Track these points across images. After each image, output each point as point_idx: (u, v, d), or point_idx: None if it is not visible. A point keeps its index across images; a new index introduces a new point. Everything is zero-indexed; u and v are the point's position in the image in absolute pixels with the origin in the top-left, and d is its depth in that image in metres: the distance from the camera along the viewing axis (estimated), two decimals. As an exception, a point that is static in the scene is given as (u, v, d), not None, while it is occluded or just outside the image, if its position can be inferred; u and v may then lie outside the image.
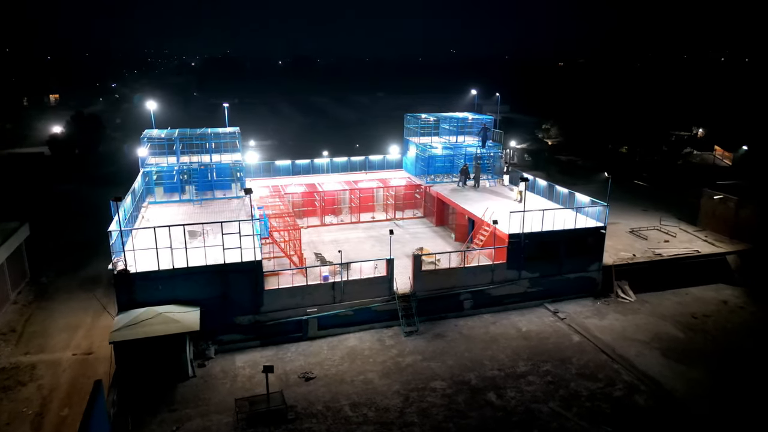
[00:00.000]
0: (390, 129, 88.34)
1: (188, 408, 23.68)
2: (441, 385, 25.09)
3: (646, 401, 24.03)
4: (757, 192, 38.56)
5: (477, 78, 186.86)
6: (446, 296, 30.76)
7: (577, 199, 34.66)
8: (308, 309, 28.61)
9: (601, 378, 25.65)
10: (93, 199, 72.61)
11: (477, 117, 44.14)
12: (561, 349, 28.11)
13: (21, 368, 38.50)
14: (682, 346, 28.30)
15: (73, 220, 61.65)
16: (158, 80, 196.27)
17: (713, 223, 39.29)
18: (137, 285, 25.91)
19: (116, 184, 73.11)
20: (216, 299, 26.99)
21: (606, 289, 33.44)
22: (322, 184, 41.97)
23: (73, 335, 43.43)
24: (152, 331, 24.35)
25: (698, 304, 32.80)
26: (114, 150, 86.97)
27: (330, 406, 23.78)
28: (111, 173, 74.88)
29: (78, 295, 49.83)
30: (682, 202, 46.36)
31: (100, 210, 74.46)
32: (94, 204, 76.46)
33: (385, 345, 28.44)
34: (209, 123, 61.59)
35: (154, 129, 40.53)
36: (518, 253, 31.22)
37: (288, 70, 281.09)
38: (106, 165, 79.25)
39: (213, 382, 25.44)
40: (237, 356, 27.40)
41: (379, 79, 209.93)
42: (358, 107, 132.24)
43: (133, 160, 42.56)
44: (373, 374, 25.95)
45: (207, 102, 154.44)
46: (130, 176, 52.66)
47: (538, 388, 24.93)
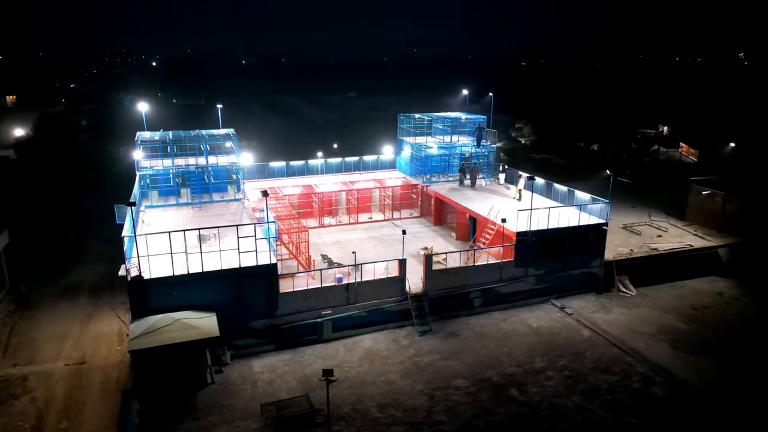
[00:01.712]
0: (373, 128, 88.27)
1: (212, 415, 23.27)
2: (463, 383, 25.29)
3: (663, 392, 24.74)
4: (744, 187, 40.05)
5: (447, 78, 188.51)
6: (456, 295, 30.99)
7: (577, 197, 35.39)
8: (322, 311, 28.43)
9: (617, 371, 26.27)
10: (77, 204, 70.65)
11: (470, 117, 44.55)
12: (573, 343, 28.68)
13: (11, 381, 37.10)
14: (688, 338, 29.22)
15: (54, 226, 59.78)
16: (121, 81, 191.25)
17: (701, 218, 40.66)
18: (151, 291, 25.28)
19: (100, 188, 71.53)
20: (231, 304, 26.58)
21: (607, 284, 34.25)
22: (319, 185, 41.70)
23: (62, 345, 42.05)
24: (171, 338, 23.82)
25: (695, 297, 33.90)
26: (84, 153, 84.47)
27: (356, 408, 23.71)
28: (104, 177, 73.17)
29: (61, 304, 48.26)
30: (668, 198, 47.79)
31: (85, 215, 72.39)
32: (76, 209, 74.32)
33: (401, 345, 28.50)
34: (186, 125, 60.52)
35: (146, 131, 39.55)
36: (525, 251, 31.69)
37: (253, 70, 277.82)
38: (87, 169, 77.07)
39: (233, 388, 25.04)
40: (253, 361, 27.04)
41: (346, 79, 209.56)
42: (331, 107, 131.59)
43: (129, 164, 41.54)
44: (394, 375, 25.97)
45: (174, 103, 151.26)
46: (116, 180, 51.41)
47: (559, 383, 25.38)
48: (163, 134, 39.11)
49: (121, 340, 42.72)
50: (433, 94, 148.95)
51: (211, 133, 40.15)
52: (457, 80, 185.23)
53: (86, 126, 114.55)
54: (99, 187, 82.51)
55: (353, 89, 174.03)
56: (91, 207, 73.50)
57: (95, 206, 73.29)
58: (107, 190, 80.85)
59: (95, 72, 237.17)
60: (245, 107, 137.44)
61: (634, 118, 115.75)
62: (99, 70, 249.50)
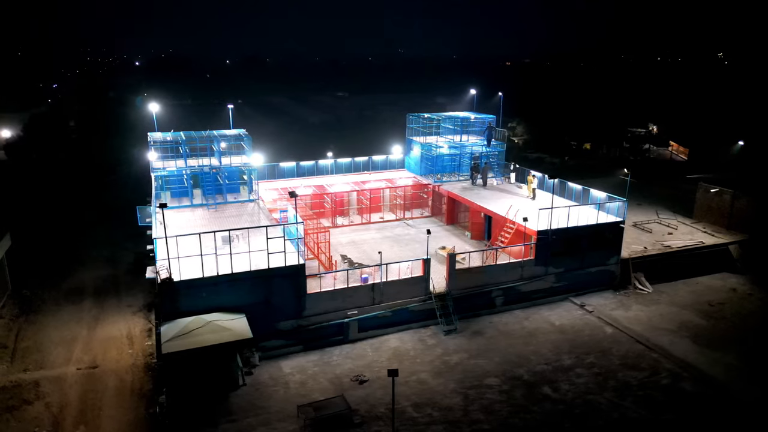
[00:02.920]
0: (370, 128, 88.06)
1: (248, 417, 23.07)
2: (495, 382, 25.38)
3: (693, 388, 25.05)
4: (753, 185, 40.74)
5: (437, 77, 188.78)
6: (478, 294, 31.09)
7: (592, 195, 35.72)
8: (349, 311, 28.34)
9: (645, 367, 26.56)
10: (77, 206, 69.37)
11: (479, 116, 44.72)
12: (597, 340, 28.93)
13: (23, 386, 36.47)
14: (709, 333, 29.63)
15: (54, 229, 59.00)
16: (107, 80, 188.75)
17: (709, 215, 41.26)
18: (181, 293, 24.98)
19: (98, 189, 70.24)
20: (259, 305, 26.39)
21: (624, 281, 34.60)
22: (331, 185, 41.55)
23: (72, 349, 41.42)
24: (205, 340, 23.57)
25: (710, 293, 34.39)
26: (75, 154, 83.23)
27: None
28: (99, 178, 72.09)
29: (66, 307, 47.52)
30: (666, 195, 48.46)
31: (80, 217, 71.13)
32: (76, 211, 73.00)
33: (428, 345, 28.51)
34: (180, 124, 59.83)
35: (157, 132, 39.12)
36: (546, 249, 31.90)
37: (237, 69, 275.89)
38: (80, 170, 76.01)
39: (265, 390, 24.85)
40: (282, 362, 26.86)
41: (333, 79, 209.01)
42: (322, 107, 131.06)
43: (144, 165, 41.02)
44: (425, 374, 25.97)
45: (163, 102, 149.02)
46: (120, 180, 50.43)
47: (589, 379, 25.59)
48: (175, 134, 38.72)
49: (131, 344, 42.20)
50: (422, 93, 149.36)
51: (222, 133, 39.78)
52: (443, 80, 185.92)
53: (75, 126, 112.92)
54: (97, 189, 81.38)
55: (341, 89, 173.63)
56: (89, 209, 72.60)
57: (94, 208, 72.45)
58: (108, 191, 79.89)
59: (78, 72, 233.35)
60: (235, 107, 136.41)
61: (624, 118, 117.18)
62: (82, 70, 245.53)
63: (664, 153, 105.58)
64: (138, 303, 48.56)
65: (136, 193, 74.60)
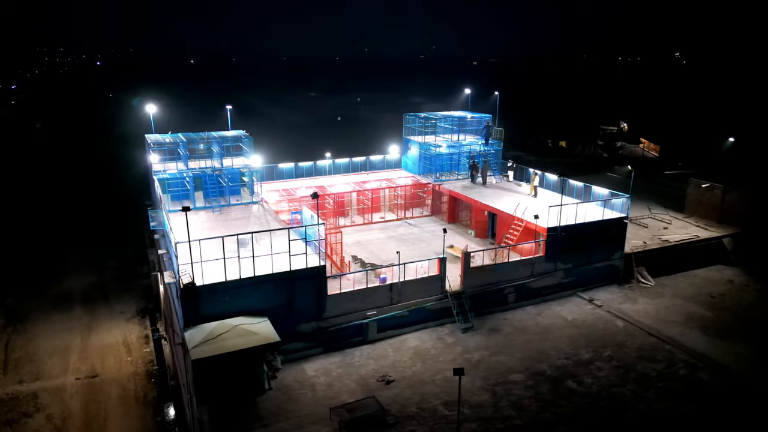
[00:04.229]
0: (351, 128, 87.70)
1: (280, 422, 22.79)
2: (520, 378, 25.66)
3: (710, 377, 25.81)
4: (744, 179, 42.22)
5: (406, 77, 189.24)
6: (491, 291, 31.39)
7: (594, 192, 36.44)
8: (368, 312, 28.27)
9: (661, 359, 27.23)
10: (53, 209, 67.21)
11: (475, 115, 45.13)
12: (611, 334, 29.53)
13: (21, 399, 35.52)
14: (715, 324, 30.56)
15: (32, 234, 57.27)
16: (70, 81, 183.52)
17: (700, 210, 42.55)
18: (203, 298, 24.51)
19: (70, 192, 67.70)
20: (281, 308, 26.08)
21: (627, 276, 35.40)
22: (332, 186, 41.34)
23: (67, 358, 40.38)
24: (234, 345, 23.18)
25: (709, 285, 35.47)
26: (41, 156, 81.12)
27: (423, 407, 23.71)
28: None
29: (56, 316, 46.31)
30: (654, 190, 49.79)
31: (62, 221, 69.05)
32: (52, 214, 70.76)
33: (447, 343, 28.64)
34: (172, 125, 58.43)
35: (155, 133, 38.27)
36: (555, 246, 32.40)
37: (202, 69, 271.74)
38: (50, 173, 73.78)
39: (292, 394, 24.59)
40: (305, 365, 26.62)
41: (302, 79, 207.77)
42: (298, 107, 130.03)
43: (144, 168, 40.05)
44: (450, 372, 25.92)
45: (131, 104, 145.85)
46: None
47: (610, 372, 26.10)
48: (173, 136, 37.99)
49: (129, 351, 41.34)
50: (396, 93, 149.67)
51: (221, 134, 39.16)
52: (412, 80, 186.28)
53: (41, 128, 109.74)
54: (71, 191, 79.12)
55: (312, 89, 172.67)
56: (68, 212, 70.51)
57: (72, 211, 70.41)
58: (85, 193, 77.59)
59: (37, 72, 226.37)
60: (207, 109, 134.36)
61: (596, 116, 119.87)
62: (41, 70, 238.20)
63: (636, 150, 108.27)
64: (131, 309, 47.58)
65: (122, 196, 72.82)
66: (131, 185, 78.46)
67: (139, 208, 67.42)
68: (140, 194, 72.07)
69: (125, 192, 77.15)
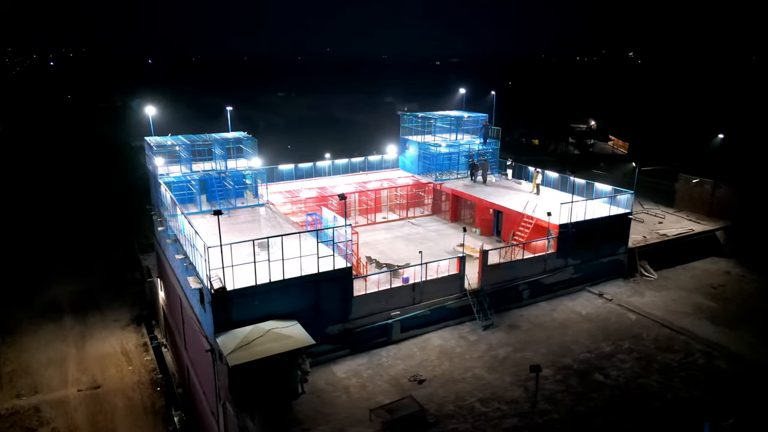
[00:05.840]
0: (336, 129, 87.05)
1: (320, 425, 22.61)
2: (549, 372, 26.04)
3: (727, 366, 26.75)
4: (733, 174, 43.86)
5: (372, 77, 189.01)
6: (507, 288, 31.80)
7: (597, 188, 37.29)
8: (392, 312, 28.28)
9: (678, 349, 28.08)
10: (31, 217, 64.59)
11: (472, 115, 45.57)
12: (626, 327, 30.29)
13: (22, 413, 34.34)
14: (722, 314, 31.67)
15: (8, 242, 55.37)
16: (24, 83, 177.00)
17: (690, 205, 44.01)
18: (234, 303, 24.10)
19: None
20: (308, 311, 25.85)
21: (631, 270, 36.34)
22: (333, 186, 41.11)
23: (64, 369, 39.16)
24: (270, 349, 22.87)
25: (708, 276, 36.74)
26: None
27: (460, 405, 23.85)
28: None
29: (46, 326, 44.85)
30: (647, 186, 51.26)
31: (44, 228, 66.60)
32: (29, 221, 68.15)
33: (470, 341, 28.87)
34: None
35: (154, 136, 37.35)
36: (566, 242, 33.04)
37: (162, 68, 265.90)
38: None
39: (327, 396, 24.42)
40: (333, 367, 26.45)
41: (269, 79, 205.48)
42: (268, 108, 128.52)
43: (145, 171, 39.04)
44: (479, 370, 26.31)
45: (95, 105, 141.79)
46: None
47: (633, 364, 26.78)
48: (174, 138, 37.17)
49: (130, 360, 40.27)
50: (366, 93, 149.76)
51: (222, 136, 38.48)
52: (378, 79, 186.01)
53: (2, 131, 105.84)
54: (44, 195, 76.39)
55: (278, 89, 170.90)
56: (49, 219, 68.01)
57: (52, 219, 67.94)
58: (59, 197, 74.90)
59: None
60: (176, 110, 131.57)
61: (566, 114, 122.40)
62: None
63: (606, 147, 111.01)
64: (124, 317, 46.38)
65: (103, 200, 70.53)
66: (115, 189, 76.43)
67: (126, 212, 65.74)
68: (126, 198, 70.28)
69: (110, 196, 75.06)
